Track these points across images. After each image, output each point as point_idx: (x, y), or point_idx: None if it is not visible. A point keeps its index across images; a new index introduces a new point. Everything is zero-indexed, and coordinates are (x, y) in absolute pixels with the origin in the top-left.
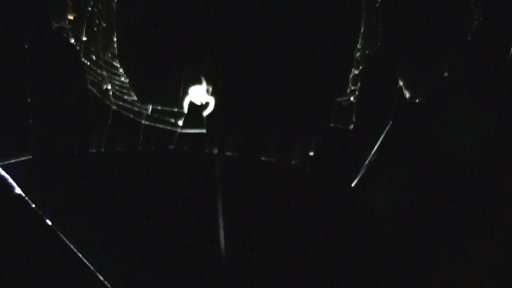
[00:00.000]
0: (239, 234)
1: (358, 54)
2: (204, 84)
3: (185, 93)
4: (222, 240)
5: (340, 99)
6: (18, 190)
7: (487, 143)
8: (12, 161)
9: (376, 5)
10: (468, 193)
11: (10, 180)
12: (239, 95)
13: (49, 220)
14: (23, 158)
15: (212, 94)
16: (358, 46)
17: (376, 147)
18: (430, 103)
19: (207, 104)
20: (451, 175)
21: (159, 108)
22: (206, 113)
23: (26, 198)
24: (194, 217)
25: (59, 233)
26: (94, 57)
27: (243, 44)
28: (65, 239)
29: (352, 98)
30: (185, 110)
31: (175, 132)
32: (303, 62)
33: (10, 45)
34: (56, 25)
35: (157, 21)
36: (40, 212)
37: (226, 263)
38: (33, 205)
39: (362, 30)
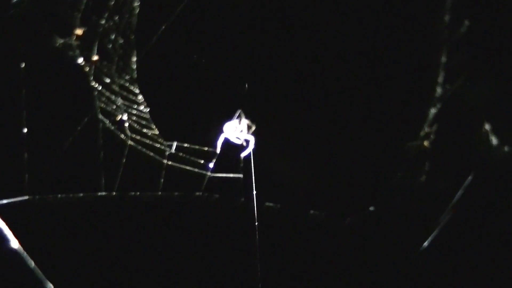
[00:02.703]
0: None
1: (437, 90)
2: (243, 119)
3: (219, 129)
4: None
5: (411, 143)
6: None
7: None
8: (5, 202)
9: (462, 31)
10: None
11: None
12: (285, 135)
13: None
14: (19, 199)
15: (252, 131)
16: (438, 80)
17: (452, 204)
18: None
19: (245, 143)
20: None
21: (186, 145)
22: (244, 154)
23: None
24: (222, 280)
25: None
26: (107, 81)
27: (295, 73)
28: None
29: (426, 143)
30: (218, 149)
31: (204, 175)
32: (367, 98)
33: (3, 65)
34: (60, 41)
35: (187, 40)
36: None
37: None
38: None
39: (443, 60)
